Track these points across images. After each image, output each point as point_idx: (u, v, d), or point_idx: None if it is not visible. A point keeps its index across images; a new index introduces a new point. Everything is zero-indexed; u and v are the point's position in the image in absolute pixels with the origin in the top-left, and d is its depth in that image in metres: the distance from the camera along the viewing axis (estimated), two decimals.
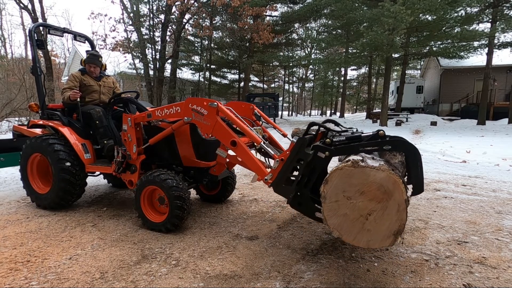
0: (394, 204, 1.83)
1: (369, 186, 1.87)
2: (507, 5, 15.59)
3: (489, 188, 4.62)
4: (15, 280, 2.15)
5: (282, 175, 2.35)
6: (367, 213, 1.89)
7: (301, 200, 2.31)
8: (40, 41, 3.81)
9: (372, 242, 1.92)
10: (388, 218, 1.85)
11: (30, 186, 3.69)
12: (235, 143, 2.55)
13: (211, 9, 17.60)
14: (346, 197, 1.93)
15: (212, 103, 2.68)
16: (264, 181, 2.42)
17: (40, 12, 15.75)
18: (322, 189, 2.00)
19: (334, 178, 1.95)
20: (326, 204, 1.99)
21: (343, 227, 1.96)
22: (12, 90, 15.01)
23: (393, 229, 1.85)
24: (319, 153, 2.19)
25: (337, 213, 1.97)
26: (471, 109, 19.88)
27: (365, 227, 1.91)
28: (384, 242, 1.89)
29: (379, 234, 1.88)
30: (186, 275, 2.20)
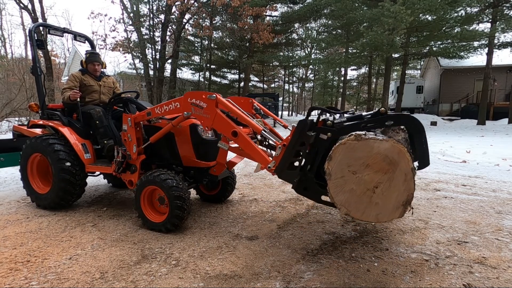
0: (401, 174, 1.79)
1: (374, 158, 1.83)
2: (507, 5, 15.60)
3: (489, 188, 4.62)
4: (15, 280, 2.15)
5: (285, 160, 2.31)
6: (374, 186, 1.85)
7: (306, 185, 2.27)
8: (40, 41, 3.81)
9: (381, 215, 1.87)
10: (396, 189, 1.81)
11: (30, 186, 3.69)
12: (236, 133, 2.53)
13: (211, 9, 17.60)
14: (351, 171, 1.89)
15: (211, 95, 2.67)
16: (267, 169, 2.39)
17: (40, 12, 15.77)
18: (326, 166, 1.96)
19: (338, 154, 1.91)
20: (332, 181, 1.95)
21: (351, 203, 1.92)
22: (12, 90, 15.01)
23: (402, 199, 1.80)
24: (321, 135, 2.16)
25: (343, 189, 1.93)
26: (471, 109, 19.89)
27: (373, 200, 1.87)
28: (394, 214, 1.84)
29: (387, 207, 1.84)
30: (186, 275, 2.20)
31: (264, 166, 2.43)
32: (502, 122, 16.90)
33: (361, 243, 2.73)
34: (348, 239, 2.82)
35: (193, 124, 3.13)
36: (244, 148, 2.58)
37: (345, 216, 2.02)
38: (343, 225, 3.17)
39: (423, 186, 4.73)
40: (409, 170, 1.77)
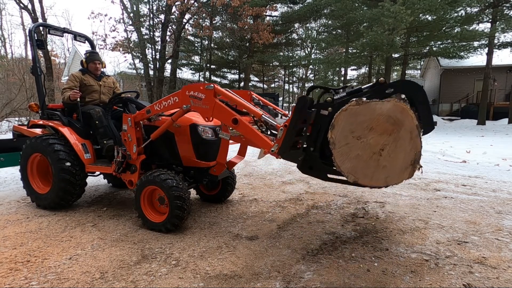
0: (406, 133, 1.76)
1: (377, 120, 1.79)
2: (507, 5, 15.60)
3: (489, 188, 4.62)
4: (15, 280, 2.15)
5: (288, 140, 2.27)
6: (380, 149, 1.81)
7: (311, 164, 2.24)
8: (40, 41, 3.81)
9: (390, 178, 1.84)
10: (402, 149, 1.78)
11: (30, 186, 3.69)
12: (236, 121, 2.52)
13: (211, 9, 17.60)
14: (355, 137, 1.86)
15: (209, 86, 2.67)
16: (271, 153, 2.37)
17: (40, 12, 15.77)
18: (329, 135, 1.93)
19: (340, 121, 1.88)
20: (336, 149, 1.92)
21: (358, 170, 1.89)
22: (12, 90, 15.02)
23: (409, 159, 1.77)
24: (322, 110, 2.13)
25: (349, 156, 1.89)
26: (471, 109, 19.87)
27: (380, 163, 1.83)
28: (403, 175, 1.81)
29: (396, 168, 1.81)
30: (186, 275, 2.20)
31: (267, 150, 2.39)
32: (502, 122, 16.90)
33: (361, 243, 2.73)
34: (348, 239, 2.82)
35: (193, 124, 3.13)
36: (246, 134, 2.56)
37: (353, 183, 1.96)
38: (343, 225, 3.17)
39: (423, 186, 4.73)
40: (414, 127, 1.73)
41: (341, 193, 4.39)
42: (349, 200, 4.05)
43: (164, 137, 3.23)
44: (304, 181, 5.09)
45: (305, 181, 5.09)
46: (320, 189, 4.62)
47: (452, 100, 23.03)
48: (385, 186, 1.97)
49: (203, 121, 3.23)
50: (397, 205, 3.80)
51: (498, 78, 20.55)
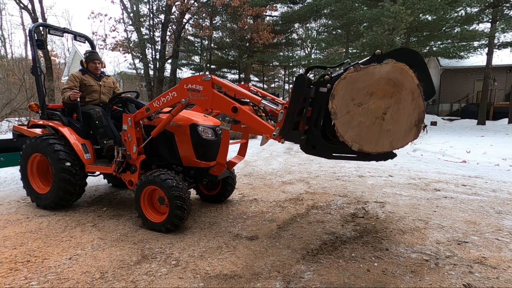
0: (407, 93, 1.74)
1: (377, 84, 1.78)
2: (507, 5, 15.59)
3: (489, 188, 4.62)
4: (15, 280, 2.15)
5: (289, 121, 2.24)
6: (382, 113, 1.80)
7: (314, 143, 2.23)
8: (40, 41, 3.81)
9: (395, 141, 1.81)
10: (405, 110, 1.76)
11: (30, 186, 3.69)
12: (236, 109, 2.52)
13: (211, 9, 17.60)
14: (356, 104, 1.84)
15: (206, 77, 2.67)
16: (273, 137, 2.35)
17: (40, 12, 15.76)
18: (330, 106, 1.91)
19: (340, 90, 1.87)
20: (338, 119, 1.90)
21: (362, 137, 1.87)
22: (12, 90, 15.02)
23: (413, 119, 1.75)
24: (321, 88, 2.12)
25: (351, 124, 1.88)
26: (471, 109, 19.87)
27: (384, 128, 1.81)
28: (408, 137, 1.79)
29: (400, 130, 1.78)
30: (186, 275, 2.20)
31: (269, 135, 2.38)
32: (502, 122, 16.89)
33: (361, 243, 2.73)
34: (348, 239, 2.82)
35: (193, 124, 3.14)
36: (247, 121, 2.56)
37: (358, 150, 1.94)
38: (343, 225, 3.17)
39: (423, 186, 4.73)
40: (415, 87, 1.72)
41: (341, 193, 4.39)
42: (349, 200, 4.05)
43: (164, 137, 3.23)
44: (304, 181, 5.09)
45: (305, 181, 5.09)
46: (320, 189, 4.62)
47: (452, 100, 23.03)
48: (390, 150, 1.93)
49: (203, 121, 3.24)
50: (397, 205, 3.80)
51: (498, 78, 20.55)
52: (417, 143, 10.69)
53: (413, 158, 7.59)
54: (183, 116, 3.23)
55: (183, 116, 3.23)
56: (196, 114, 3.46)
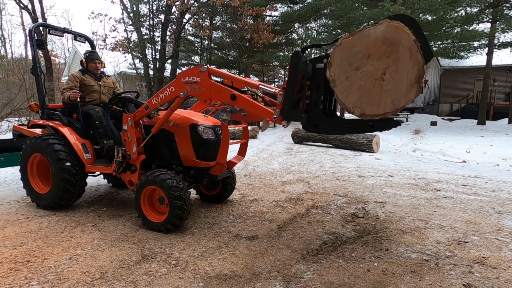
0: (405, 50, 1.74)
1: (373, 45, 1.78)
2: (507, 5, 15.57)
3: (489, 188, 4.62)
4: (15, 280, 2.15)
5: (289, 99, 2.21)
6: (382, 74, 1.80)
7: (315, 121, 2.22)
8: (40, 41, 3.81)
9: (397, 100, 1.80)
10: (404, 68, 1.75)
11: (30, 186, 3.69)
12: (234, 96, 2.52)
13: (211, 9, 17.59)
14: (354, 69, 1.84)
15: (202, 68, 2.68)
16: (273, 120, 2.35)
17: (40, 12, 15.76)
18: (328, 74, 1.92)
19: (336, 56, 1.87)
20: (338, 86, 1.91)
21: (363, 101, 1.87)
22: (12, 90, 15.02)
23: (413, 76, 1.74)
24: (318, 64, 2.11)
25: (351, 90, 1.88)
26: (471, 109, 19.86)
27: (384, 88, 1.80)
28: (409, 95, 1.77)
29: (401, 89, 1.77)
30: (186, 275, 2.20)
31: (270, 118, 2.38)
32: (502, 122, 16.88)
33: (361, 243, 2.73)
34: (348, 239, 2.82)
35: (193, 124, 3.14)
36: (246, 107, 2.57)
37: (361, 117, 1.93)
38: (343, 225, 3.17)
39: (423, 186, 4.73)
40: (412, 43, 1.72)
41: (341, 193, 4.39)
42: (349, 200, 4.05)
43: (164, 137, 3.23)
44: (304, 181, 5.09)
45: (305, 181, 5.09)
46: (320, 189, 4.62)
47: (452, 100, 23.03)
48: (393, 110, 1.90)
49: (203, 121, 3.24)
50: (397, 205, 3.80)
51: (498, 78, 20.54)
52: (418, 143, 10.70)
53: (413, 158, 7.59)
54: (183, 116, 3.23)
55: (183, 116, 3.23)
56: (196, 114, 3.46)
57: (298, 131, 10.51)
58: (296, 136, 10.45)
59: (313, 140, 10.01)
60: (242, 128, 3.72)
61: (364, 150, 8.55)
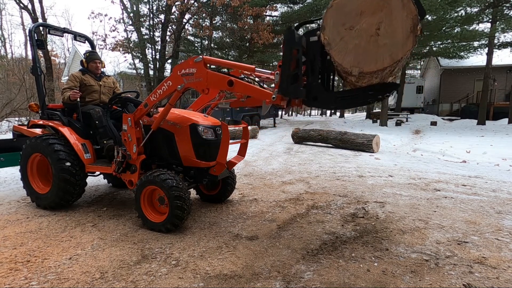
0: (397, 1, 1.75)
1: (364, 2, 1.79)
2: (507, 5, 15.57)
3: (489, 188, 4.62)
4: (15, 280, 2.15)
5: (286, 75, 2.20)
6: (376, 29, 1.80)
7: (314, 94, 2.20)
8: (40, 41, 3.81)
9: (395, 53, 1.79)
10: (399, 19, 1.76)
11: (30, 186, 3.69)
12: (231, 82, 2.53)
13: (211, 9, 17.60)
14: (348, 28, 1.85)
15: (197, 58, 2.69)
16: (273, 100, 2.33)
17: (40, 12, 15.77)
18: (322, 37, 1.93)
19: (329, 19, 1.89)
20: (333, 49, 1.91)
21: (360, 58, 1.87)
22: (12, 90, 15.02)
23: (408, 26, 1.74)
24: (311, 38, 2.11)
25: (347, 49, 1.88)
26: (471, 109, 19.87)
27: (381, 43, 1.81)
28: (407, 45, 1.77)
29: (397, 41, 1.78)
30: (186, 275, 2.20)
31: (269, 99, 2.37)
32: (502, 122, 16.88)
33: (361, 243, 2.73)
34: (348, 239, 2.82)
35: (193, 124, 3.14)
36: (244, 91, 2.59)
37: (359, 75, 1.93)
38: (343, 225, 3.17)
39: (423, 186, 4.73)
40: None
41: (341, 193, 4.39)
42: (349, 200, 4.05)
43: (164, 137, 3.23)
44: (304, 181, 5.09)
45: (305, 181, 5.09)
46: (320, 189, 4.62)
47: (452, 100, 23.04)
48: (392, 64, 1.88)
49: (203, 121, 3.24)
50: (397, 205, 3.80)
51: (498, 78, 20.55)
52: (418, 143, 10.70)
53: (413, 158, 7.59)
54: (183, 116, 3.23)
55: (183, 116, 3.23)
56: (196, 114, 3.46)
57: (298, 131, 10.50)
58: (296, 136, 10.45)
59: (313, 140, 10.01)
60: (242, 128, 3.72)
61: (364, 150, 8.55)
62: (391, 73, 1.97)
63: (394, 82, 2.08)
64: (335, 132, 9.59)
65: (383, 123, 16.62)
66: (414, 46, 1.81)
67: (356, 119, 26.30)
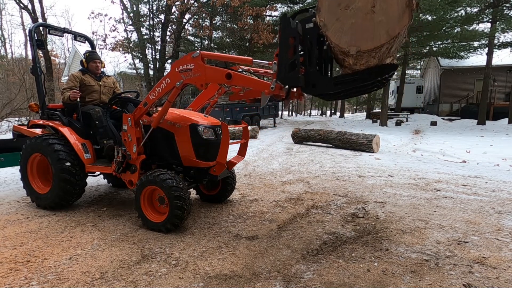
0: None
1: None
2: (507, 5, 15.58)
3: (489, 188, 4.62)
4: (15, 280, 2.15)
5: (284, 63, 2.19)
6: (371, 7, 1.81)
7: (313, 81, 2.20)
8: (40, 41, 3.81)
9: (391, 29, 1.79)
10: None
11: (30, 186, 3.69)
12: (229, 75, 2.54)
13: (211, 9, 17.60)
14: (343, 8, 1.87)
15: (194, 53, 2.70)
16: (271, 90, 2.33)
17: (40, 12, 15.77)
18: (318, 19, 1.95)
19: (324, 1, 1.91)
20: (330, 30, 1.92)
21: (357, 37, 1.87)
22: (12, 90, 15.02)
23: (403, 1, 1.75)
24: (307, 24, 2.11)
25: (343, 30, 1.89)
26: (471, 109, 19.88)
27: (376, 20, 1.81)
28: (403, 20, 1.77)
29: (393, 17, 1.78)
30: (186, 275, 2.20)
31: (268, 91, 2.37)
32: (502, 122, 16.88)
33: (361, 243, 2.73)
34: (348, 239, 2.82)
35: (193, 124, 3.14)
36: (243, 83, 2.60)
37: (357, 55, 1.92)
38: (343, 225, 3.17)
39: (423, 186, 4.73)
40: None
41: (341, 193, 4.39)
42: (349, 200, 4.05)
43: (164, 137, 3.23)
44: (304, 181, 5.09)
45: (305, 181, 5.09)
46: (320, 189, 4.62)
47: (452, 100, 23.04)
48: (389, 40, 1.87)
49: (203, 121, 3.24)
50: (397, 205, 3.80)
51: (498, 78, 20.56)
52: (418, 143, 10.70)
53: (413, 158, 7.59)
54: (183, 116, 3.23)
55: (183, 116, 3.23)
56: (196, 114, 3.46)
57: (298, 131, 10.50)
58: (296, 136, 10.45)
59: (313, 140, 10.01)
60: (242, 128, 3.72)
61: (364, 150, 8.55)
62: (389, 52, 1.95)
63: (392, 63, 2.06)
64: (335, 132, 9.59)
65: (383, 123, 16.63)
66: (411, 21, 1.81)
67: (356, 119, 26.29)
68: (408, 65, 24.34)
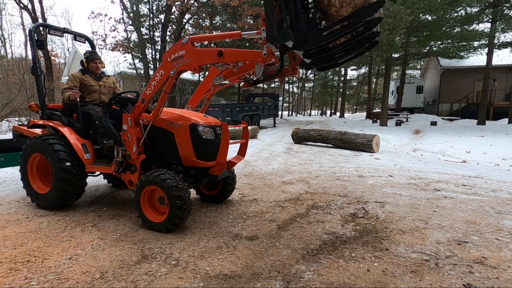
0: None
1: None
2: (507, 5, 15.57)
3: (489, 188, 4.62)
4: (15, 280, 2.15)
5: (271, 22, 2.18)
6: None
7: (304, 36, 2.16)
8: (40, 41, 3.81)
9: None
10: None
11: (30, 186, 3.69)
12: (221, 53, 2.55)
13: (211, 9, 17.61)
14: None
15: (184, 39, 2.72)
16: (264, 57, 2.33)
17: (40, 12, 15.76)
18: None
19: None
20: None
21: None
22: (12, 90, 15.01)
23: None
24: None
25: None
26: (471, 109, 19.88)
27: None
28: None
29: None
30: (186, 275, 2.20)
31: (261, 59, 2.38)
32: (502, 122, 16.88)
33: (361, 243, 2.73)
34: (348, 239, 2.82)
35: (193, 124, 3.14)
36: (235, 57, 2.62)
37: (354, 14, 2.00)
38: (343, 225, 3.17)
39: (423, 186, 4.73)
40: None
41: (341, 193, 4.39)
42: (349, 200, 4.05)
43: (164, 137, 3.23)
44: (304, 181, 5.09)
45: (305, 181, 5.09)
46: (320, 189, 4.62)
47: (452, 100, 23.04)
48: None
49: (203, 121, 3.24)
50: (397, 205, 3.80)
51: (498, 78, 20.56)
52: (418, 143, 10.70)
53: (413, 158, 7.59)
54: (183, 115, 3.24)
55: (183, 116, 3.23)
56: (196, 114, 3.46)
57: (298, 131, 10.50)
58: (296, 136, 10.45)
59: (313, 140, 10.01)
60: (242, 128, 3.72)
61: (364, 150, 8.55)
62: None
63: (379, 0, 2.04)
64: (335, 132, 9.59)
65: (383, 123, 16.62)
66: None
67: (356, 119, 26.30)
68: (408, 65, 24.32)
